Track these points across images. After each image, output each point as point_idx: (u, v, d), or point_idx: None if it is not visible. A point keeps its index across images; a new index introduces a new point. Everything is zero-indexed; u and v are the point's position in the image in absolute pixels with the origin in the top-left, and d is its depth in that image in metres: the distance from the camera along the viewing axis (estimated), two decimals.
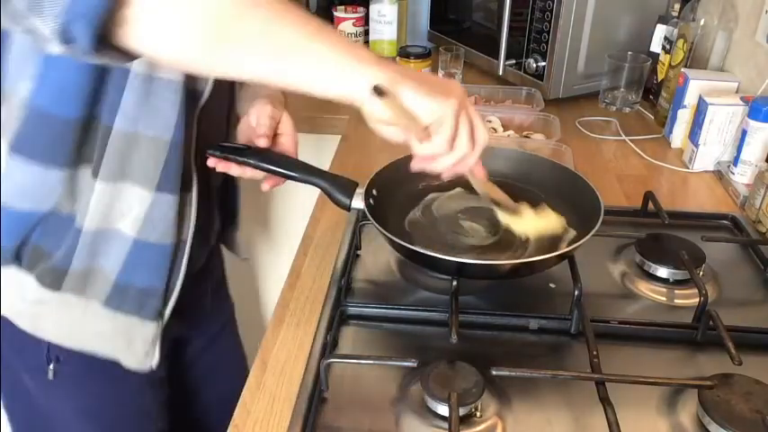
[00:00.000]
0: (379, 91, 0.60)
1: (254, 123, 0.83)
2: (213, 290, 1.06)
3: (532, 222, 0.83)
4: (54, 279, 0.77)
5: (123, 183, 0.74)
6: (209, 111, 0.79)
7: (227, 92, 0.89)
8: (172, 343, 0.93)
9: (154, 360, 0.83)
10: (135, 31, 0.52)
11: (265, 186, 0.84)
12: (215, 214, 0.94)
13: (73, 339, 0.81)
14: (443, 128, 0.63)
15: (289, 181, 0.83)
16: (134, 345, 0.81)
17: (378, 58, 0.62)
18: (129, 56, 0.55)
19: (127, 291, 0.79)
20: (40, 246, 0.77)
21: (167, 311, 0.82)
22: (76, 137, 0.71)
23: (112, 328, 0.80)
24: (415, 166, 0.70)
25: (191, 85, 0.74)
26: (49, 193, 0.73)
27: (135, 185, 0.74)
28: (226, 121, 0.91)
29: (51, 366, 0.82)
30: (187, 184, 0.78)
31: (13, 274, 0.78)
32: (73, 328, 0.81)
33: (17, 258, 0.77)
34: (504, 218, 0.83)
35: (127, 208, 0.75)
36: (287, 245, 1.54)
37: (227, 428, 0.68)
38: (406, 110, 0.62)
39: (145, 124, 0.71)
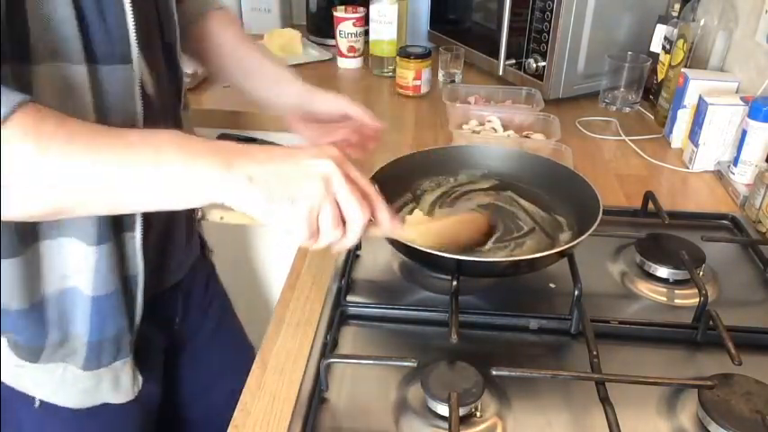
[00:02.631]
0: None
1: (350, 114, 0.85)
2: (202, 288, 1.03)
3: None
4: (30, 354, 0.75)
5: (62, 240, 0.70)
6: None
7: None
8: (163, 355, 0.93)
9: (140, 384, 0.83)
10: None
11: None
12: (178, 233, 0.89)
13: (58, 399, 0.79)
14: (298, 229, 0.59)
15: None
16: (120, 384, 0.81)
17: (214, 157, 0.56)
18: None
19: (101, 346, 0.77)
20: (8, 332, 0.74)
21: (133, 338, 0.80)
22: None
23: (95, 382, 0.79)
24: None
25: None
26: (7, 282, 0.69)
27: (74, 241, 0.70)
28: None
29: (38, 399, 0.80)
30: (129, 225, 0.74)
31: None
32: (55, 389, 0.79)
33: None
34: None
35: (74, 266, 0.71)
36: (287, 245, 1.54)
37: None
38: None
39: None
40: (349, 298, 0.84)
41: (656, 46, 1.43)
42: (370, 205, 0.61)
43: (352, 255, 0.91)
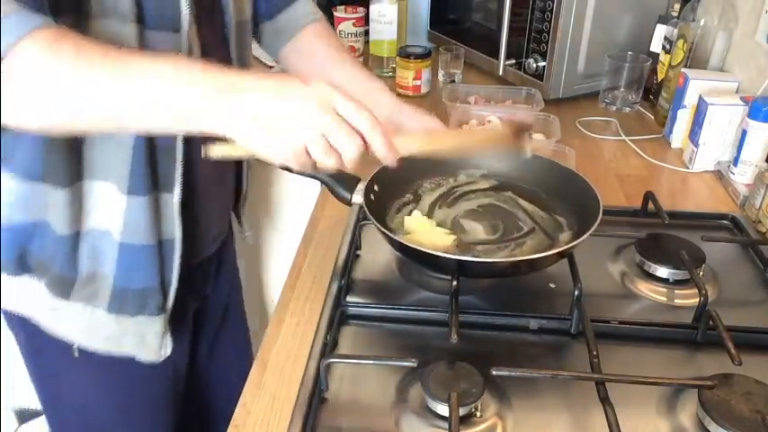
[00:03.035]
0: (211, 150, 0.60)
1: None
2: (231, 262, 1.11)
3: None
4: (63, 288, 0.80)
5: (98, 184, 0.75)
6: None
7: None
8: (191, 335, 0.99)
9: (168, 349, 0.86)
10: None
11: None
12: (219, 206, 0.95)
13: (88, 342, 0.84)
14: (291, 161, 0.61)
15: (290, 180, 0.83)
16: (146, 341, 0.84)
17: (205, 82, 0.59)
18: None
19: (125, 294, 0.80)
20: (39, 258, 0.79)
21: (169, 304, 0.84)
22: (48, 146, 0.72)
23: (121, 330, 0.83)
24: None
25: None
26: (31, 205, 0.75)
27: (109, 186, 0.75)
28: None
29: (76, 345, 0.85)
30: (166, 186, 0.77)
31: (27, 281, 0.81)
32: (85, 333, 0.83)
33: (26, 269, 0.80)
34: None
35: (108, 211, 0.76)
36: (287, 244, 1.54)
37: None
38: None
39: None
40: (349, 298, 0.84)
41: (656, 46, 1.43)
42: (362, 136, 0.62)
43: (353, 255, 0.91)
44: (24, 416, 1.84)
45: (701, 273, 0.88)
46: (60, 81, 0.57)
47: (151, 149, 0.75)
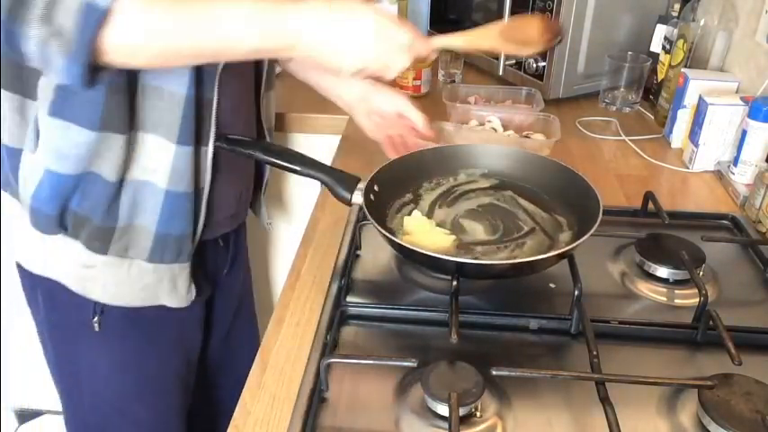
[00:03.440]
0: None
1: (406, 114, 0.99)
2: (244, 250, 1.16)
3: None
4: (101, 243, 0.83)
5: (149, 136, 0.80)
6: (233, 71, 0.83)
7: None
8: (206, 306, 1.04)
9: (193, 294, 0.92)
10: (112, 60, 0.65)
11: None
12: (240, 165, 0.98)
13: (120, 298, 0.88)
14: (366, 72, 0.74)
15: (291, 180, 0.84)
16: (177, 287, 0.90)
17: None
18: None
19: (166, 241, 0.85)
20: (79, 212, 0.82)
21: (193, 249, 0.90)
22: (107, 96, 0.74)
23: (156, 279, 0.88)
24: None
25: None
26: (84, 154, 0.77)
27: (159, 138, 0.79)
28: (254, 83, 0.97)
29: (96, 319, 0.89)
30: (204, 139, 0.83)
31: (60, 240, 0.84)
32: (119, 288, 0.87)
33: (62, 225, 0.83)
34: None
35: (156, 161, 0.81)
36: (287, 244, 1.54)
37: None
38: None
39: (166, 80, 0.77)
40: (349, 298, 0.84)
41: (656, 46, 1.43)
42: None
43: (353, 255, 0.91)
44: (24, 416, 1.84)
45: (701, 273, 0.88)
46: (169, 28, 0.65)
47: (198, 104, 0.80)
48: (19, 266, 0.92)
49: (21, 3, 0.59)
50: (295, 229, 1.50)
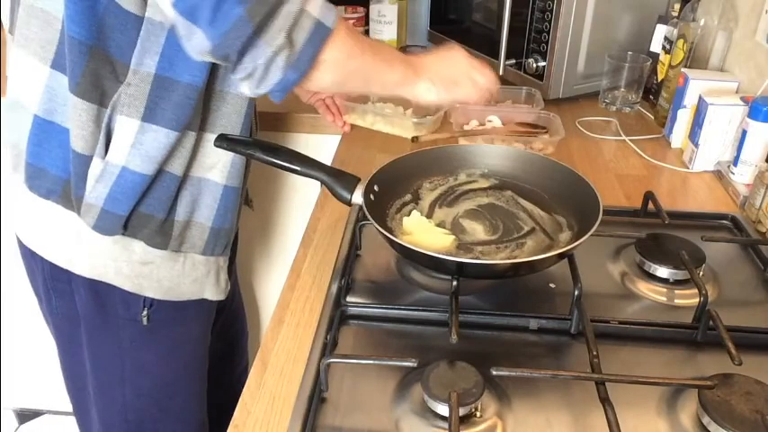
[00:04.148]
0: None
1: None
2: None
3: None
4: (162, 238, 0.88)
5: (210, 135, 0.85)
6: None
7: None
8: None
9: (229, 286, 1.00)
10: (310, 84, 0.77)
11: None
12: None
13: (172, 293, 0.93)
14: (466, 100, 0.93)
15: (291, 180, 0.84)
16: (219, 279, 0.97)
17: (417, 65, 0.87)
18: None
19: (220, 234, 0.92)
20: (144, 210, 0.85)
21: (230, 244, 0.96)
22: (194, 101, 0.80)
23: (206, 272, 0.94)
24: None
25: None
26: (165, 154, 0.82)
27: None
28: None
29: (145, 312, 0.93)
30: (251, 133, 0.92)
31: (118, 240, 0.87)
32: (173, 281, 0.92)
33: (126, 226, 0.86)
34: None
35: (216, 158, 0.87)
36: (288, 244, 1.54)
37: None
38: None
39: (229, 83, 0.84)
40: (349, 298, 0.84)
41: (656, 46, 1.43)
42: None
43: (353, 255, 0.91)
44: (24, 416, 1.84)
45: (701, 273, 0.88)
46: (358, 60, 0.78)
47: (254, 109, 0.90)
48: (53, 270, 0.92)
49: (269, 18, 0.68)
50: (295, 229, 1.50)
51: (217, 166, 0.87)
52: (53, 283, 0.93)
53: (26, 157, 0.84)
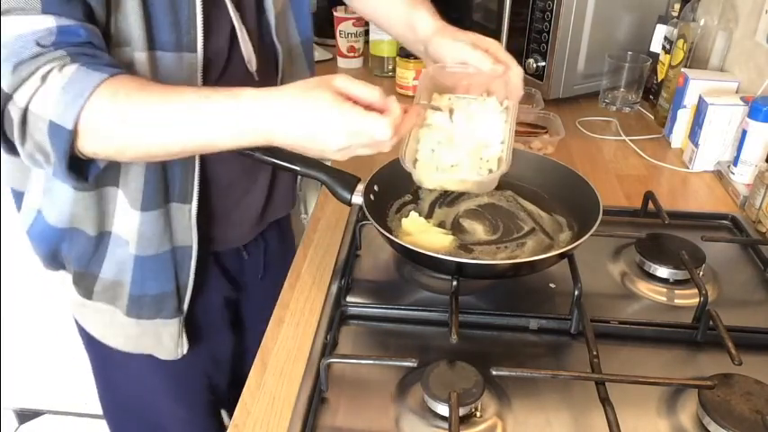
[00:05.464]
0: None
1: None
2: (277, 244, 1.10)
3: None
4: (85, 289, 0.86)
5: (120, 196, 0.79)
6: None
7: None
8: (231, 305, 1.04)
9: (184, 349, 0.91)
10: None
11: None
12: (244, 211, 0.95)
13: (109, 340, 0.91)
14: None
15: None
16: (162, 341, 0.89)
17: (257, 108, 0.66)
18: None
19: (142, 300, 0.85)
20: (68, 256, 0.85)
21: (185, 307, 0.88)
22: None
23: (139, 332, 0.88)
24: None
25: None
26: (75, 212, 0.80)
27: (125, 204, 0.79)
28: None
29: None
30: (183, 197, 0.81)
31: (62, 276, 0.88)
32: (106, 331, 0.90)
33: (60, 264, 0.87)
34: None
35: (127, 228, 0.80)
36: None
37: None
38: None
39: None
40: (349, 298, 0.84)
41: (656, 46, 1.43)
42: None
43: (353, 255, 0.91)
44: (24, 416, 1.84)
45: (701, 273, 0.88)
46: (122, 114, 0.64)
47: (164, 165, 0.78)
48: None
49: (8, 121, 0.64)
50: (295, 229, 1.49)
51: (128, 233, 0.81)
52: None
53: None
